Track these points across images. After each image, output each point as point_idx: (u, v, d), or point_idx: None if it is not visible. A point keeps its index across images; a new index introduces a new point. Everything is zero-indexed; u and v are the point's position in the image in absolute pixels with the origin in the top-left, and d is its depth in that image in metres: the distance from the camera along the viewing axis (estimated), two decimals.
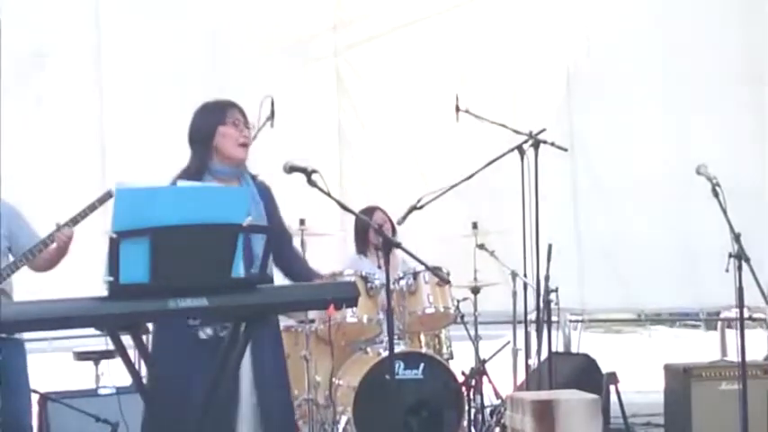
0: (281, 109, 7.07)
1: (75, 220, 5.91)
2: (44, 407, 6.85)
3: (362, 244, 8.05)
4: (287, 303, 5.09)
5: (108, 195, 5.86)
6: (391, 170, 9.47)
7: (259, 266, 4.97)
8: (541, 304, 7.30)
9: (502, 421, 7.88)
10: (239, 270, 4.84)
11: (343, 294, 5.07)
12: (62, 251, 6.04)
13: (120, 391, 7.20)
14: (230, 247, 4.85)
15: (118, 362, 8.51)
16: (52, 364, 9.21)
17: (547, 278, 7.23)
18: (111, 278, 4.61)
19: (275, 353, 5.51)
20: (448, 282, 6.37)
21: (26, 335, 6.07)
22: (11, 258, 6.11)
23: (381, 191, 9.07)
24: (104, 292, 4.65)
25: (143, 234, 4.68)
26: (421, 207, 7.46)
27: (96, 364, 8.60)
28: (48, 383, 7.28)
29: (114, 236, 4.59)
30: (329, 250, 8.33)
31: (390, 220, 7.97)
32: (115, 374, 8.43)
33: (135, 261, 4.67)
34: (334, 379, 7.66)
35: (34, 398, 6.81)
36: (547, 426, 5.79)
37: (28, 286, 6.22)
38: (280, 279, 5.54)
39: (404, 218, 7.48)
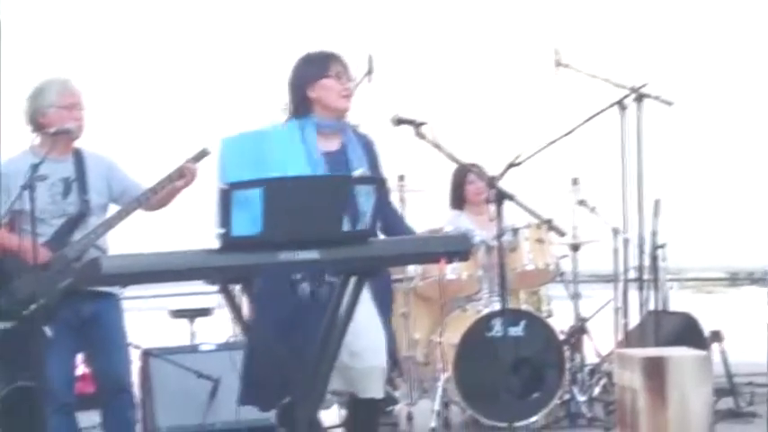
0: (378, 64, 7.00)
1: (171, 178, 5.85)
2: (146, 362, 6.86)
3: (459, 199, 7.96)
4: (398, 257, 5.02)
5: (203, 153, 5.81)
6: (488, 126, 9.35)
7: (369, 220, 4.91)
8: (646, 261, 7.17)
9: (602, 381, 7.81)
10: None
11: (455, 248, 4.99)
12: (182, 189, 5.94)
13: (221, 347, 7.20)
14: (342, 199, 4.79)
15: (211, 319, 8.64)
16: (147, 323, 9.25)
17: (654, 234, 7.10)
18: (223, 230, 4.57)
19: (383, 308, 5.44)
20: (564, 234, 6.27)
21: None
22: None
23: (478, 147, 8.94)
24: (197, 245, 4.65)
25: (255, 185, 4.63)
26: (519, 164, 7.35)
27: (191, 321, 8.63)
28: (144, 341, 7.30)
29: (226, 187, 4.55)
30: (426, 207, 8.25)
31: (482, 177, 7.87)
32: (209, 332, 8.49)
33: (246, 213, 4.63)
34: (433, 337, 7.60)
35: (136, 354, 6.84)
36: (657, 382, 5.68)
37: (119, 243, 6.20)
38: None
39: (502, 175, 7.37)
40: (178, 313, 8.70)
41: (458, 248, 4.99)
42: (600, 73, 7.64)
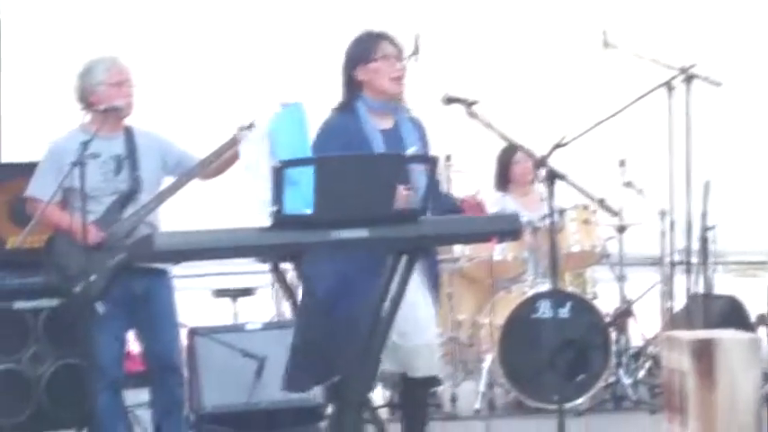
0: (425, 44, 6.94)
1: (224, 148, 5.85)
2: (192, 341, 6.87)
3: (504, 180, 7.93)
4: (449, 235, 5.03)
5: (252, 125, 5.79)
6: (535, 106, 9.30)
7: (421, 198, 4.90)
8: (693, 243, 7.12)
9: (647, 364, 7.77)
10: None
11: (505, 227, 4.98)
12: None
13: (267, 326, 7.21)
14: (394, 178, 4.79)
15: (254, 299, 8.65)
16: (190, 302, 9.27)
17: (704, 215, 7.05)
18: (275, 208, 4.57)
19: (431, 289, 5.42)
20: (616, 213, 6.24)
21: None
22: None
23: (524, 128, 8.89)
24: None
25: (308, 163, 4.63)
26: (565, 144, 7.30)
27: (234, 301, 8.64)
28: (187, 320, 7.31)
29: (279, 165, 4.55)
30: (470, 188, 8.21)
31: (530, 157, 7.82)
32: (251, 312, 8.49)
33: (299, 191, 4.63)
34: (478, 318, 7.59)
35: (182, 332, 6.84)
36: (705, 365, 5.64)
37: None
38: None
39: (548, 155, 7.33)
40: (221, 293, 8.70)
41: (509, 228, 4.98)
42: (648, 53, 7.57)
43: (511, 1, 9.47)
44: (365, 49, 5.29)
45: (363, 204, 4.67)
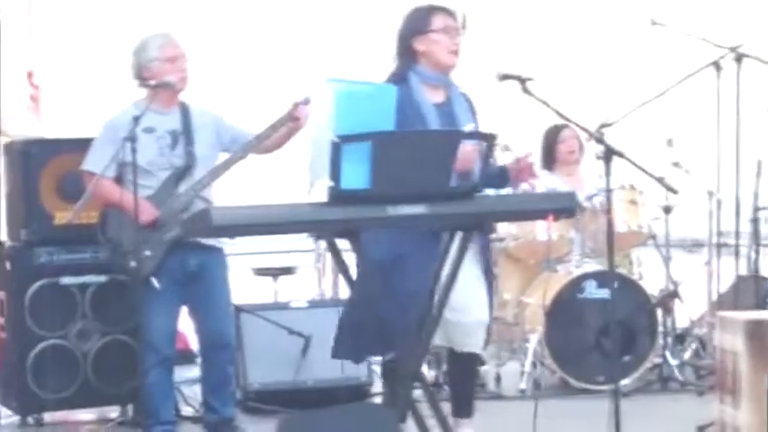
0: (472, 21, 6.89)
1: (280, 122, 5.83)
2: (237, 318, 6.85)
3: (550, 159, 7.88)
4: (505, 213, 5.01)
5: (306, 101, 5.76)
6: (579, 86, 9.24)
7: (478, 175, 4.87)
8: (739, 225, 7.07)
9: (693, 345, 7.72)
10: None
11: (562, 205, 4.95)
12: (296, 131, 5.91)
13: (312, 304, 7.20)
14: (451, 154, 4.76)
15: (295, 278, 8.63)
16: (231, 280, 9.28)
17: (756, 195, 6.99)
18: (332, 183, 4.55)
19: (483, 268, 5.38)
20: (676, 192, 6.19)
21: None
22: None
23: (569, 107, 8.83)
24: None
25: (365, 139, 4.60)
26: (611, 124, 7.25)
27: (275, 280, 8.63)
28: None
29: (337, 140, 4.52)
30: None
31: (578, 138, 7.79)
32: (292, 291, 8.48)
33: (356, 166, 4.61)
34: (522, 297, 7.55)
35: None
36: (759, 345, 5.59)
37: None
38: None
39: (590, 136, 7.28)
40: (262, 271, 8.69)
41: (565, 205, 4.95)
42: (696, 32, 7.51)
43: None
44: (425, 20, 5.25)
45: (420, 180, 4.65)
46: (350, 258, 5.03)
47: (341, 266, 4.94)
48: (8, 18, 9.32)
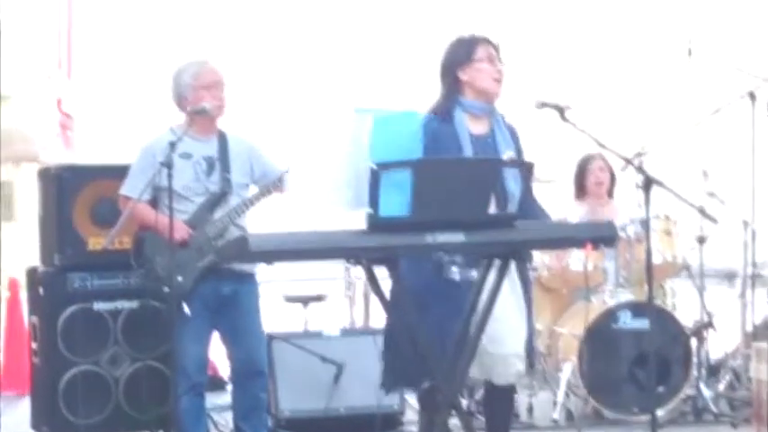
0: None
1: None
2: (270, 346, 6.83)
3: (581, 189, 7.85)
4: (544, 241, 4.97)
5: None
6: (614, 116, 9.21)
7: (517, 204, 4.85)
8: None
9: (727, 376, 7.65)
10: None
11: (602, 233, 4.91)
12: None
13: (345, 333, 7.17)
14: (490, 183, 4.74)
15: (325, 305, 8.62)
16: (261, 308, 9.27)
17: None
18: (371, 210, 4.53)
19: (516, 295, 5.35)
20: (715, 221, 6.15)
21: None
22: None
23: (608, 135, 8.81)
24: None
25: (404, 167, 4.59)
26: (647, 153, 7.23)
27: (305, 307, 8.61)
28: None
29: (375, 168, 4.51)
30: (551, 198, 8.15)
31: (610, 169, 7.77)
32: (322, 319, 8.46)
33: (394, 194, 4.59)
34: (555, 327, 7.51)
35: None
36: None
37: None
38: None
39: (627, 165, 7.25)
40: (292, 299, 8.68)
41: (605, 234, 4.92)
42: (732, 62, 7.49)
43: (596, 9, 9.35)
44: (468, 50, 5.28)
45: (459, 208, 4.63)
46: (385, 285, 5.03)
47: (378, 294, 4.90)
48: (39, 46, 9.41)
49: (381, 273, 4.88)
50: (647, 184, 5.07)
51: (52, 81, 9.47)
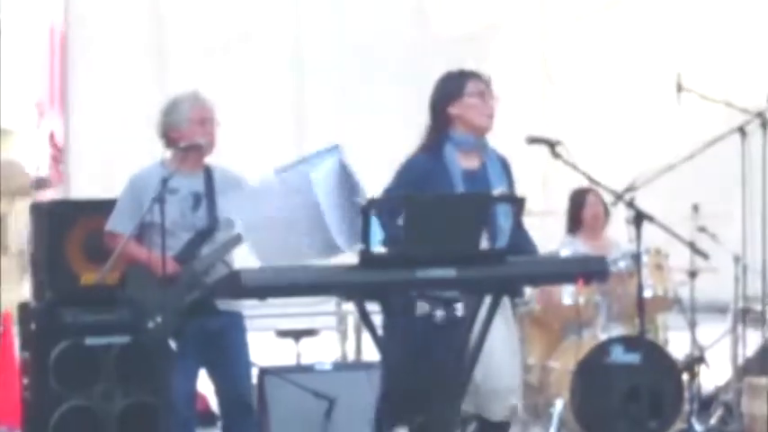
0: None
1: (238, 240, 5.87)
2: (262, 381, 6.83)
3: (575, 223, 7.87)
4: (535, 276, 4.97)
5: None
6: (604, 151, 9.22)
7: (507, 238, 4.86)
8: (765, 289, 7.05)
9: (719, 411, 7.66)
10: None
11: (593, 269, 4.93)
12: None
13: (337, 367, 7.17)
14: (481, 218, 4.76)
15: (317, 340, 8.61)
16: (253, 342, 9.25)
17: None
18: (363, 246, 4.55)
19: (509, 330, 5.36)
20: (707, 257, 6.18)
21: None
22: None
23: (593, 172, 8.83)
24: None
25: (396, 202, 4.61)
26: (637, 189, 7.26)
27: (297, 341, 8.61)
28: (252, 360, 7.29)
29: (366, 203, 4.53)
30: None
31: (603, 203, 7.79)
32: (314, 353, 8.46)
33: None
34: (547, 362, 7.52)
35: (253, 372, 6.81)
36: None
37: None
38: None
39: (617, 200, 7.28)
40: (284, 333, 8.68)
41: (596, 269, 4.93)
42: (722, 97, 7.53)
43: (582, 44, 9.38)
44: (458, 85, 5.29)
45: (450, 243, 4.64)
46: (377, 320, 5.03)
47: (370, 330, 4.90)
48: (33, 80, 9.43)
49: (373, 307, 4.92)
50: (639, 219, 5.09)
51: (45, 115, 9.49)
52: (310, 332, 8.55)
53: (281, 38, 9.29)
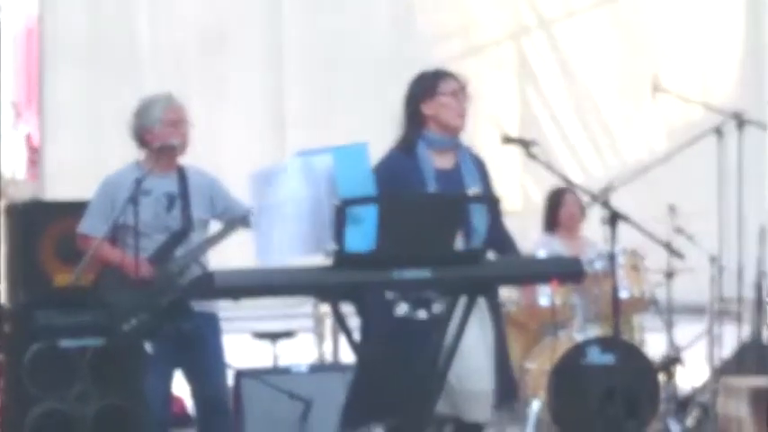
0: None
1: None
2: (238, 383, 6.81)
3: (552, 222, 7.87)
4: (510, 277, 4.96)
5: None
6: (581, 150, 9.23)
7: (485, 237, 4.85)
8: (742, 291, 7.06)
9: (695, 412, 7.67)
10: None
11: (569, 269, 4.92)
12: None
13: (313, 369, 7.15)
14: (456, 218, 4.74)
15: (294, 342, 8.59)
16: (229, 344, 9.22)
17: (759, 262, 6.98)
18: (336, 247, 4.52)
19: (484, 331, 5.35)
20: (682, 257, 6.17)
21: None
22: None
23: (570, 173, 8.82)
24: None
25: (369, 202, 4.59)
26: (614, 189, 7.27)
27: (274, 343, 8.58)
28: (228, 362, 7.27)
29: (340, 204, 4.51)
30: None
31: (580, 202, 7.78)
32: (292, 355, 8.43)
33: (360, 230, 4.58)
34: (524, 363, 7.51)
35: (229, 374, 6.79)
36: (763, 412, 5.57)
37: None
38: None
39: (593, 200, 7.28)
40: (261, 335, 8.65)
41: (570, 270, 4.93)
42: (698, 98, 7.55)
43: (560, 43, 9.37)
44: (432, 84, 5.28)
45: (425, 244, 4.62)
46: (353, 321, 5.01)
47: (344, 331, 4.89)
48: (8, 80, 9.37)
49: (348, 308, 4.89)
50: (613, 219, 5.09)
51: (23, 116, 9.45)
52: (287, 334, 8.52)
53: (259, 38, 9.26)
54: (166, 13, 9.07)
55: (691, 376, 7.90)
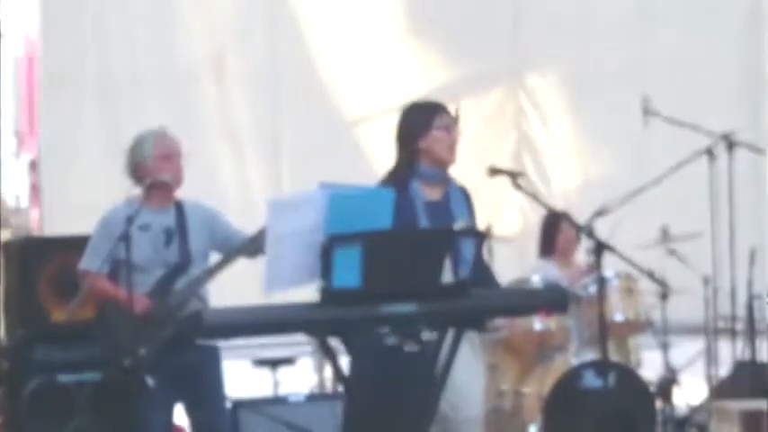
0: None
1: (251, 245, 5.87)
2: (235, 414, 6.84)
3: (548, 248, 7.91)
4: (498, 309, 5.00)
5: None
6: (572, 174, 9.28)
7: (470, 271, 4.89)
8: (736, 311, 7.09)
9: None
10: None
11: (554, 300, 4.96)
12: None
13: (311, 398, 7.18)
14: (442, 252, 4.78)
15: (294, 369, 8.62)
16: (229, 371, 9.25)
17: (750, 283, 7.02)
18: (324, 283, 4.57)
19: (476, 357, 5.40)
20: (666, 286, 6.21)
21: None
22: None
23: (563, 197, 8.87)
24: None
25: (355, 239, 4.63)
26: (605, 213, 7.32)
27: (274, 370, 8.62)
28: (227, 390, 7.30)
29: (326, 241, 4.55)
30: (509, 256, 8.20)
31: (576, 228, 7.82)
32: (292, 381, 8.47)
33: (347, 266, 4.63)
34: (520, 387, 7.54)
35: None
36: None
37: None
38: None
39: (590, 223, 7.32)
40: (261, 362, 8.69)
41: (556, 301, 4.96)
42: (689, 120, 7.58)
43: (548, 67, 9.43)
44: (427, 119, 5.29)
45: (411, 278, 4.66)
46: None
47: (335, 367, 4.93)
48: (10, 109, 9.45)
49: None
50: (599, 248, 5.13)
51: (26, 143, 9.52)
52: (287, 360, 8.56)
53: (254, 68, 9.32)
54: (167, 42, 9.15)
55: (688, 396, 7.94)
